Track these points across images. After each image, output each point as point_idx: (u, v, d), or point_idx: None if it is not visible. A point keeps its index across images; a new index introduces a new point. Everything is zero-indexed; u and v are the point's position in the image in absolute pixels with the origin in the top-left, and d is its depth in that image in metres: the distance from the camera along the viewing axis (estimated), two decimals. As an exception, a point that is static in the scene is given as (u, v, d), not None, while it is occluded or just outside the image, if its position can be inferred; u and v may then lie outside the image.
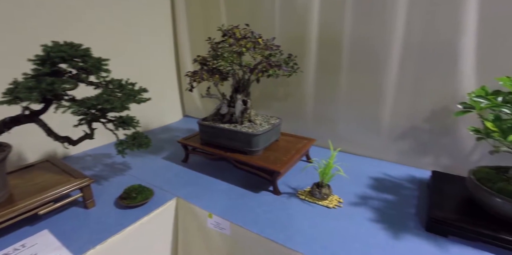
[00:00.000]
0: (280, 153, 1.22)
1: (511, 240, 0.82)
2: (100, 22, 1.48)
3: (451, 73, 1.18)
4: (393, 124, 1.34)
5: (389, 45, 1.26)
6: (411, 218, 0.97)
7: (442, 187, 1.06)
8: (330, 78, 1.44)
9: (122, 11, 1.57)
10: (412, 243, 0.86)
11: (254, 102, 1.72)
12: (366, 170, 1.29)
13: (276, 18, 1.51)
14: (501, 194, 0.85)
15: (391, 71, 1.29)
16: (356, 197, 1.09)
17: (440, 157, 1.28)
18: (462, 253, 0.83)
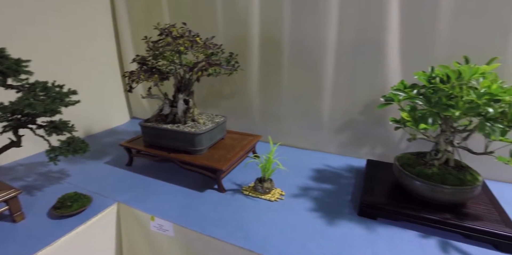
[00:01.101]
0: (225, 151, 1.23)
1: (429, 217, 0.91)
2: (35, 24, 1.37)
3: (379, 68, 1.27)
4: (332, 118, 1.42)
5: (324, 43, 1.33)
6: (346, 204, 1.04)
7: (374, 174, 1.15)
8: (273, 75, 1.48)
9: (59, 12, 1.47)
10: (345, 228, 0.92)
11: (202, 101, 1.72)
12: (309, 163, 1.35)
13: (219, 18, 1.51)
14: (419, 177, 0.94)
15: (327, 68, 1.36)
16: (298, 189, 1.14)
17: (375, 147, 1.39)
18: (388, 232, 0.91)
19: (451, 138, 0.97)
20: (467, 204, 0.96)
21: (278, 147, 1.50)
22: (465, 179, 0.92)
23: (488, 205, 0.96)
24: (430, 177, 0.93)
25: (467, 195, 0.91)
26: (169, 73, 1.27)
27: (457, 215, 0.91)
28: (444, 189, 0.90)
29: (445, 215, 0.91)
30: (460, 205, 0.95)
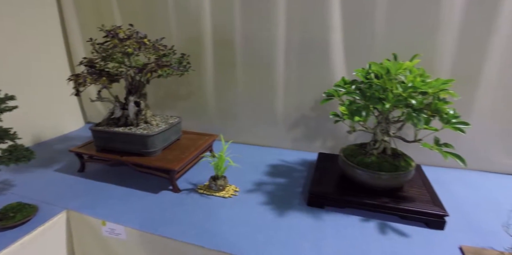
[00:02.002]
0: (180, 151, 1.23)
1: (370, 202, 0.99)
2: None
3: (326, 65, 1.34)
4: (286, 114, 1.48)
5: (274, 43, 1.38)
6: (297, 196, 1.09)
7: (323, 166, 1.21)
8: (228, 75, 1.51)
9: (3, 16, 1.38)
10: (294, 218, 0.97)
11: (159, 103, 1.70)
12: (265, 159, 1.39)
13: (172, 19, 1.50)
14: (359, 166, 1.01)
15: (279, 66, 1.41)
16: (252, 184, 1.17)
17: (327, 140, 1.46)
18: (334, 219, 0.97)
19: (387, 128, 1.06)
20: (403, 188, 1.05)
21: (236, 145, 1.53)
22: (399, 165, 1.00)
23: (421, 188, 1.06)
24: (369, 165, 1.01)
25: (401, 179, 0.99)
26: (118, 75, 1.25)
27: (394, 198, 0.99)
28: (381, 176, 0.98)
29: (383, 199, 0.99)
30: (398, 189, 1.04)
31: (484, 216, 0.99)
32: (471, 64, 1.21)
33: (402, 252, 0.83)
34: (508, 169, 1.30)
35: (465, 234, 0.91)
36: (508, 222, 0.93)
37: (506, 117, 1.24)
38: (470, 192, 1.14)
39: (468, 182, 1.22)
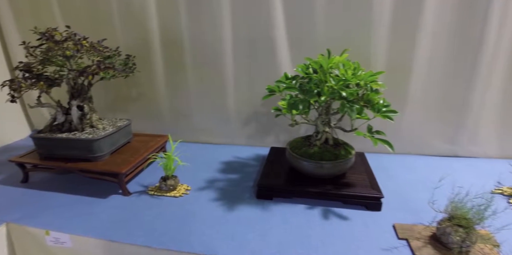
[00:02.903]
0: (129, 154, 1.22)
1: (314, 191, 1.04)
2: None
3: (273, 62, 1.39)
4: (238, 111, 1.50)
5: (222, 41, 1.40)
6: (248, 190, 1.12)
7: (273, 160, 1.25)
8: (178, 75, 1.50)
9: None
10: (244, 211, 1.00)
11: (110, 106, 1.66)
12: (219, 156, 1.41)
13: (116, 20, 1.47)
14: (303, 157, 1.06)
15: (228, 65, 1.43)
16: (205, 182, 1.19)
17: (279, 135, 1.51)
18: (281, 209, 1.01)
19: (327, 120, 1.12)
20: (346, 175, 1.12)
21: (191, 144, 1.54)
22: (339, 154, 1.07)
23: (362, 174, 1.13)
24: (312, 155, 1.06)
25: (342, 167, 1.06)
26: (58, 79, 1.20)
27: (336, 185, 1.05)
28: (323, 165, 1.03)
29: (327, 187, 1.04)
30: (340, 176, 1.10)
31: (418, 195, 1.08)
32: (403, 57, 1.30)
33: (342, 234, 0.89)
34: (442, 152, 1.42)
35: (399, 213, 0.99)
36: (433, 198, 1.02)
37: (437, 104, 1.36)
38: (408, 175, 1.24)
39: (408, 166, 1.32)
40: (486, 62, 1.25)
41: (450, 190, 1.07)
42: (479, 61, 1.25)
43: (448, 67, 1.30)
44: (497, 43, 1.23)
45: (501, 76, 1.29)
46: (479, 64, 1.26)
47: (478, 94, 1.30)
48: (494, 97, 1.32)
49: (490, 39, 1.22)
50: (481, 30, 1.21)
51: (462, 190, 1.06)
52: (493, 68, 1.27)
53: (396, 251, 0.82)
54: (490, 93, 1.31)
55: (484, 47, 1.23)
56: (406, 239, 0.86)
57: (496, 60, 1.26)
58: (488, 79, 1.28)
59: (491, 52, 1.24)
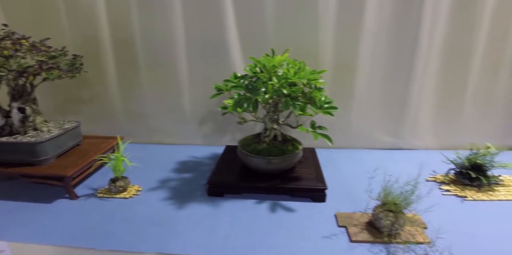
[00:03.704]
0: (78, 157, 1.18)
1: (262, 186, 1.08)
2: None
3: (227, 62, 1.41)
4: (194, 111, 1.51)
5: (175, 42, 1.40)
6: (200, 188, 1.14)
7: (227, 158, 1.28)
8: (131, 75, 1.48)
9: None
10: (194, 209, 1.01)
11: (59, 108, 1.59)
12: (174, 157, 1.41)
13: (63, 18, 1.42)
14: (252, 153, 1.10)
15: (181, 65, 1.44)
16: (157, 182, 1.18)
17: (235, 133, 1.54)
18: (231, 205, 1.03)
19: (275, 117, 1.16)
20: (295, 169, 1.17)
21: (146, 146, 1.52)
22: (287, 149, 1.11)
23: (310, 168, 1.18)
24: (260, 152, 1.10)
25: (289, 162, 1.10)
26: (-5, 80, 1.14)
27: (285, 180, 1.10)
28: (271, 160, 1.07)
29: (275, 181, 1.08)
30: (289, 171, 1.15)
31: (360, 186, 1.15)
32: (348, 57, 1.38)
33: (288, 226, 0.93)
34: (387, 145, 1.52)
35: (342, 203, 1.05)
36: (371, 188, 1.10)
37: (380, 101, 1.46)
38: (353, 167, 1.31)
39: (355, 159, 1.40)
40: (421, 61, 1.36)
41: (387, 180, 1.15)
42: (415, 60, 1.36)
43: (388, 66, 1.40)
44: (430, 43, 1.34)
45: (434, 74, 1.41)
46: (415, 63, 1.37)
47: (415, 91, 1.41)
48: (429, 94, 1.44)
49: (424, 40, 1.33)
50: (416, 31, 1.32)
51: (395, 179, 1.15)
52: (427, 67, 1.39)
53: (335, 238, 0.88)
54: (426, 90, 1.43)
55: (419, 47, 1.34)
56: (345, 226, 0.92)
57: (430, 60, 1.38)
58: (423, 77, 1.40)
59: (425, 52, 1.35)
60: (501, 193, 1.11)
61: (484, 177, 1.12)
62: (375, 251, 0.82)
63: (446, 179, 1.21)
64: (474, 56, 1.38)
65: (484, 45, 1.37)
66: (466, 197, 1.09)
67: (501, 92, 1.46)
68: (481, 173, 1.14)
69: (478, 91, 1.45)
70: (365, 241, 0.85)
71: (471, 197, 1.09)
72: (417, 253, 0.82)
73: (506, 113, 1.49)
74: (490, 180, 1.13)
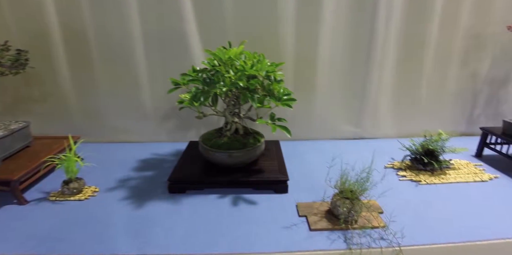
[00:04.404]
0: (26, 159, 1.11)
1: (225, 180, 1.07)
2: None
3: (187, 55, 1.38)
4: (155, 108, 1.46)
5: (131, 35, 1.34)
6: (162, 186, 1.11)
7: (190, 154, 1.25)
8: (86, 72, 1.40)
9: None
10: (153, 207, 0.98)
11: (8, 109, 1.48)
12: (136, 155, 1.36)
13: (6, 12, 1.31)
14: (213, 148, 1.08)
15: (139, 60, 1.38)
16: (116, 182, 1.14)
17: (200, 129, 1.51)
18: (193, 201, 1.02)
19: (236, 111, 1.15)
20: (257, 162, 1.17)
21: (106, 145, 1.46)
22: (248, 142, 1.11)
23: (273, 160, 1.19)
24: (221, 146, 1.08)
25: (251, 155, 1.10)
26: None
27: (247, 173, 1.09)
28: (232, 154, 1.06)
29: (238, 175, 1.08)
30: (252, 164, 1.15)
31: (322, 176, 1.17)
32: (308, 50, 1.40)
33: (250, 218, 0.93)
34: (350, 135, 1.57)
35: (303, 193, 1.07)
36: (330, 177, 1.12)
37: (342, 92, 1.49)
38: (316, 158, 1.34)
39: (318, 150, 1.43)
40: (378, 53, 1.41)
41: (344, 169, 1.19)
42: (372, 52, 1.40)
43: (347, 58, 1.43)
44: (386, 36, 1.39)
45: (391, 65, 1.47)
46: (372, 55, 1.41)
47: (374, 82, 1.46)
48: (387, 84, 1.50)
49: (379, 32, 1.37)
50: (371, 24, 1.36)
51: (352, 167, 1.19)
52: (384, 58, 1.44)
53: (295, 228, 0.89)
54: (383, 81, 1.48)
55: (375, 39, 1.38)
56: (305, 216, 0.94)
57: (386, 51, 1.42)
58: (380, 68, 1.45)
59: (381, 44, 1.40)
60: (451, 176, 1.19)
61: (436, 162, 1.19)
62: (333, 238, 0.84)
63: (403, 165, 1.26)
64: (428, 47, 1.45)
65: (436, 37, 1.44)
66: (420, 182, 1.15)
67: (452, 82, 1.54)
68: (433, 158, 1.20)
69: (432, 81, 1.52)
70: (324, 229, 0.87)
71: (425, 181, 1.15)
72: (372, 237, 0.85)
73: (457, 101, 1.58)
74: (442, 165, 1.20)
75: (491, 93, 1.59)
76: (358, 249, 0.80)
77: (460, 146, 1.27)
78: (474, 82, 1.56)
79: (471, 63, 1.52)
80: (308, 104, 1.49)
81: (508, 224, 0.91)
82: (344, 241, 0.83)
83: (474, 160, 1.34)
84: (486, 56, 1.51)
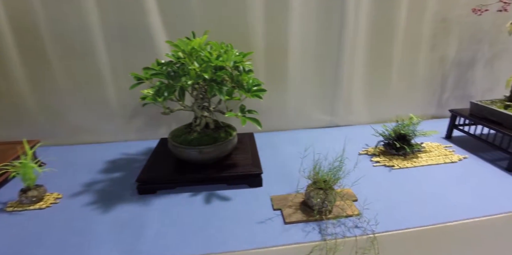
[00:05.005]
0: (-23, 168, 1.02)
1: (198, 177, 1.03)
2: None
3: (152, 49, 1.30)
4: (122, 105, 1.38)
5: (90, 29, 1.24)
6: (131, 187, 1.05)
7: (160, 151, 1.20)
8: (42, 68, 1.29)
9: None
10: (122, 210, 0.93)
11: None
12: (103, 156, 1.29)
13: None
14: (182, 145, 1.03)
15: (101, 54, 1.29)
16: (81, 186, 1.07)
17: (171, 125, 1.45)
18: (164, 202, 0.97)
19: (205, 104, 1.10)
20: (230, 157, 1.13)
21: (70, 147, 1.38)
22: (219, 137, 1.07)
23: (246, 154, 1.16)
24: (191, 142, 1.04)
25: (223, 149, 1.06)
26: None
27: (220, 168, 1.06)
28: (202, 149, 1.02)
29: (210, 171, 1.04)
30: (225, 159, 1.11)
31: (296, 167, 1.16)
32: (279, 38, 1.36)
33: (223, 215, 0.90)
34: (324, 123, 1.56)
35: (278, 186, 1.05)
36: (303, 167, 1.11)
37: (314, 80, 1.47)
38: (291, 148, 1.32)
39: (293, 140, 1.41)
40: (349, 39, 1.39)
41: (316, 159, 1.18)
42: (343, 39, 1.38)
43: (318, 45, 1.40)
44: (356, 22, 1.37)
45: (362, 52, 1.46)
46: (343, 42, 1.39)
47: (346, 69, 1.45)
48: (359, 71, 1.49)
49: (349, 19, 1.34)
50: (341, 11, 1.33)
51: (326, 156, 1.18)
52: (355, 45, 1.42)
53: (269, 222, 0.87)
54: (355, 67, 1.47)
55: (345, 26, 1.35)
56: (280, 208, 0.92)
57: (357, 38, 1.41)
58: (352, 55, 1.43)
59: (352, 31, 1.37)
60: (423, 159, 1.20)
61: (408, 146, 1.20)
62: (308, 230, 0.83)
63: (376, 151, 1.27)
64: (397, 32, 1.44)
65: (404, 22, 1.43)
66: (394, 166, 1.16)
67: (422, 66, 1.56)
68: (405, 142, 1.22)
69: (402, 66, 1.53)
70: (298, 221, 0.86)
71: (398, 166, 1.16)
72: (347, 226, 0.84)
73: (427, 85, 1.60)
74: (414, 148, 1.21)
75: (459, 75, 1.63)
76: (333, 239, 0.80)
77: (431, 129, 1.29)
78: (443, 66, 1.59)
79: (440, 47, 1.54)
80: (281, 94, 1.46)
81: (477, 203, 0.94)
82: (319, 232, 0.82)
83: (445, 142, 1.37)
84: (453, 40, 1.53)
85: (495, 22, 1.50)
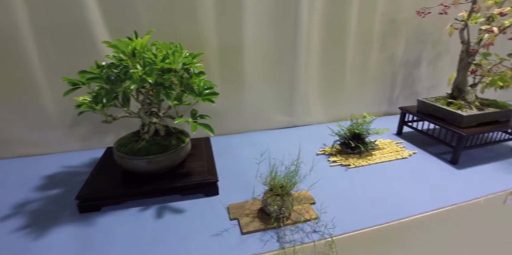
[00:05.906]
0: None
1: (148, 189, 0.95)
2: None
3: (92, 48, 1.17)
4: (60, 112, 1.24)
5: (17, 27, 1.09)
6: (71, 205, 0.94)
7: (105, 163, 1.09)
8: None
9: None
10: (61, 233, 0.82)
11: None
12: (40, 170, 1.14)
13: None
14: (127, 155, 0.94)
15: (32, 56, 1.14)
16: (11, 208, 0.93)
17: (120, 132, 1.34)
18: (109, 220, 0.88)
19: (153, 110, 1.02)
20: (184, 164, 1.07)
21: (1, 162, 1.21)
22: (170, 144, 1.00)
23: (202, 160, 1.10)
24: (138, 151, 0.95)
25: (175, 158, 0.99)
26: None
27: (173, 178, 0.99)
28: (151, 159, 0.94)
29: (162, 182, 0.97)
30: (178, 167, 1.04)
31: (253, 172, 1.12)
32: (233, 38, 1.31)
33: (177, 230, 0.84)
34: (283, 124, 1.55)
35: (235, 193, 1.00)
36: (259, 172, 1.09)
37: (271, 81, 1.44)
38: (249, 152, 1.28)
39: (252, 142, 1.38)
40: (303, 40, 1.38)
41: (278, 162, 1.16)
42: (297, 39, 1.37)
43: (273, 46, 1.38)
44: (309, 23, 1.36)
45: (317, 52, 1.46)
46: (298, 43, 1.38)
47: (301, 69, 1.44)
48: (314, 71, 1.50)
49: (303, 19, 1.34)
50: (295, 12, 1.32)
51: (283, 160, 1.17)
52: (309, 45, 1.42)
53: (226, 233, 0.82)
54: (311, 68, 1.48)
55: (299, 27, 1.34)
56: (237, 218, 0.88)
57: (311, 39, 1.41)
58: (307, 55, 1.43)
59: (306, 31, 1.37)
60: (377, 157, 1.24)
61: (362, 145, 1.22)
62: (266, 239, 0.80)
63: (333, 150, 1.28)
64: (349, 33, 1.47)
65: (356, 23, 1.46)
66: (350, 165, 1.18)
67: (373, 65, 1.61)
68: (360, 141, 1.24)
69: (355, 65, 1.57)
70: (256, 230, 0.82)
71: (354, 164, 1.18)
72: (305, 231, 0.83)
73: (378, 83, 1.66)
74: (368, 146, 1.24)
75: (407, 74, 1.71)
76: (291, 247, 0.77)
77: (383, 126, 1.33)
78: (392, 65, 1.65)
79: (389, 47, 1.60)
80: (238, 96, 1.41)
81: (428, 197, 0.97)
82: (277, 241, 0.79)
83: (396, 138, 1.42)
84: (401, 40, 1.60)
85: (437, 24, 1.59)
